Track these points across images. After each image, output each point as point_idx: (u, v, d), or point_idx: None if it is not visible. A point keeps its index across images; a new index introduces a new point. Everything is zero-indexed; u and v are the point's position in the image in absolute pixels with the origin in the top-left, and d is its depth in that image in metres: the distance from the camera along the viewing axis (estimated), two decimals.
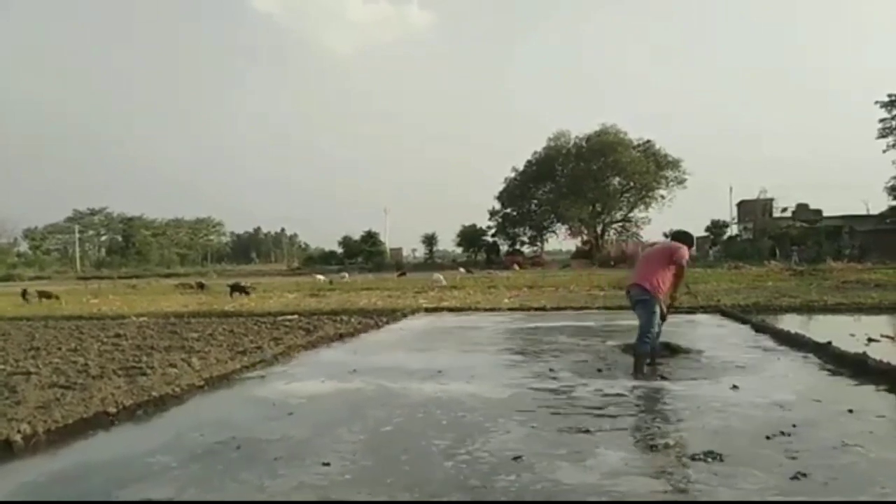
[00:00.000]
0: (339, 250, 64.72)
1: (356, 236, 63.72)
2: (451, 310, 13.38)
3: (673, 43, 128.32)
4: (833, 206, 68.25)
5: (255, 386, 6.01)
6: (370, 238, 63.35)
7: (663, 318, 6.45)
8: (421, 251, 66.85)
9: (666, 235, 60.31)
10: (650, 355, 6.22)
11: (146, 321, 11.96)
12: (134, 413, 4.83)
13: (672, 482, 3.17)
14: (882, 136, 46.31)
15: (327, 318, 11.42)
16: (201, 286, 25.33)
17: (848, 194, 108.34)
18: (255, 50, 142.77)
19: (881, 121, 46.17)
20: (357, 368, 6.63)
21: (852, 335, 7.64)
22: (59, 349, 8.14)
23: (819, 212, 50.13)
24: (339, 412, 4.87)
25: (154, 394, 5.20)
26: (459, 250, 63.82)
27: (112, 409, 4.72)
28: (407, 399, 5.23)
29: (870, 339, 7.37)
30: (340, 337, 9.16)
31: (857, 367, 5.71)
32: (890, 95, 45.22)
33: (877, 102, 45.75)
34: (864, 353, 5.95)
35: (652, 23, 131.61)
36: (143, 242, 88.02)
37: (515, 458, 3.53)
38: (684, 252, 6.34)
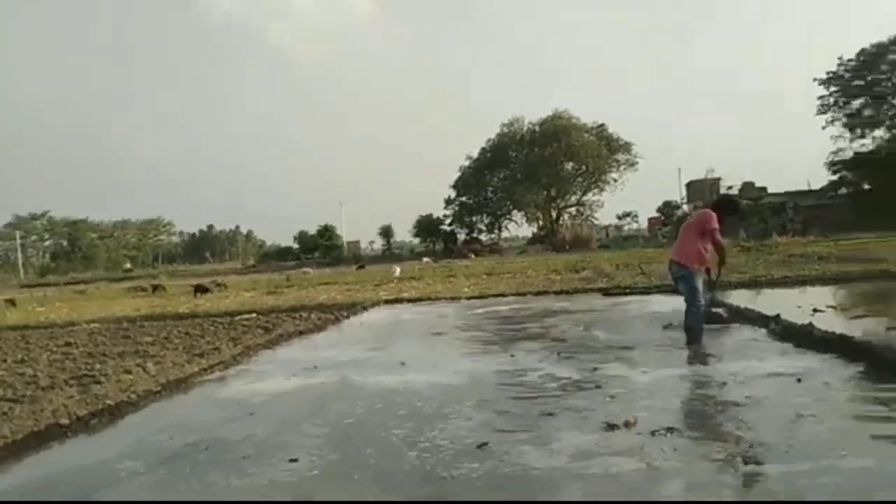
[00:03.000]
0: (296, 246, 63.80)
1: (312, 231, 62.90)
2: (411, 301, 13.37)
3: (622, 27, 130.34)
4: (777, 182, 70.86)
5: (215, 388, 5.90)
6: (326, 232, 62.57)
7: (713, 286, 6.81)
8: (378, 243, 66.50)
9: (653, 220, 61.39)
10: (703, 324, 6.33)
11: (97, 327, 11.56)
12: (88, 423, 4.69)
13: (638, 459, 3.23)
14: (820, 112, 48.05)
15: (286, 315, 11.24)
16: (156, 288, 24.61)
17: (791, 171, 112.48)
18: (199, 42, 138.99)
19: (820, 97, 47.87)
20: (318, 364, 6.57)
21: (799, 307, 7.96)
22: (5, 361, 7.80)
23: (764, 189, 51.67)
24: (302, 408, 4.83)
25: (109, 402, 5.05)
26: (417, 241, 63.70)
27: (65, 421, 4.56)
28: (369, 391, 5.22)
29: (815, 310, 7.67)
30: (300, 334, 9.05)
31: (804, 338, 5.94)
32: (828, 73, 46.89)
33: (815, 79, 47.37)
34: (810, 324, 6.21)
35: (603, 10, 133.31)
36: (90, 246, 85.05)
37: (480, 446, 3.56)
38: (709, 217, 6.33)
